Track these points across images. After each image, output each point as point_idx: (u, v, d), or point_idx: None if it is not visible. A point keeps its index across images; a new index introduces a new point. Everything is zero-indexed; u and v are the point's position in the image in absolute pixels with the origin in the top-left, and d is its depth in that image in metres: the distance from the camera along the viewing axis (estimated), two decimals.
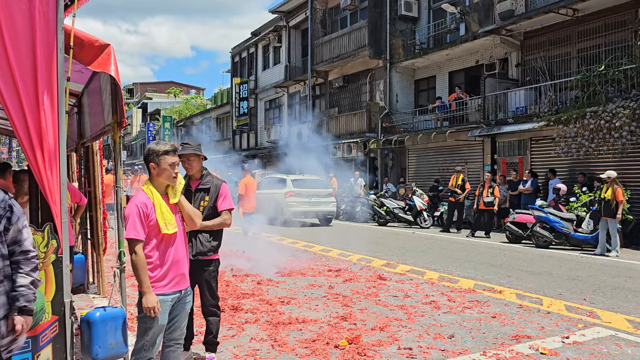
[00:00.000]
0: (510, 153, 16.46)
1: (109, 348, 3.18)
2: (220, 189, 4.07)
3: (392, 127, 20.71)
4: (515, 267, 8.93)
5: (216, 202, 4.03)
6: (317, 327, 5.25)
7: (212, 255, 4.09)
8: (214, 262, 4.14)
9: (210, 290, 4.14)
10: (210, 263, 4.10)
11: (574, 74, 14.62)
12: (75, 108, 5.84)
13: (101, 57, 3.27)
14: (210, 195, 4.04)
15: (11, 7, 2.62)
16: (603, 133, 12.51)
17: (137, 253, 3.01)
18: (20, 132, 2.69)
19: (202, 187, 4.06)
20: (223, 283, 7.32)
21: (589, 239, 10.92)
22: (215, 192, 4.05)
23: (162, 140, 3.36)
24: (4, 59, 2.61)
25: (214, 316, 4.21)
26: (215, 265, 4.17)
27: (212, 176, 4.16)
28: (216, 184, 4.09)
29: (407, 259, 9.73)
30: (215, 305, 4.20)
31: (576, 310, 6.06)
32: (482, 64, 17.80)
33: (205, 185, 4.07)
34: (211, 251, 4.06)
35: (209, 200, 4.02)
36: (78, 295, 6.16)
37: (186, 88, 65.12)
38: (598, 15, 14.28)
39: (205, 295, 4.13)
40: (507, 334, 5.08)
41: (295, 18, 27.66)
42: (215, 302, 4.20)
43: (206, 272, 4.07)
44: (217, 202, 4.03)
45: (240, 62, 35.01)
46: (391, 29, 20.91)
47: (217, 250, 4.14)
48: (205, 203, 4.00)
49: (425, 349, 4.62)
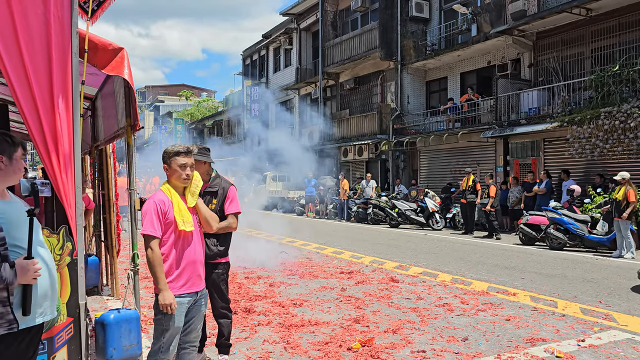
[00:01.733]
0: (523, 154, 16.33)
1: (123, 350, 3.21)
2: (227, 192, 4.06)
3: (403, 128, 20.65)
4: (529, 269, 8.84)
5: (223, 205, 4.02)
6: (330, 330, 5.23)
7: (219, 259, 4.08)
8: (223, 266, 4.13)
9: (220, 293, 4.13)
10: (219, 266, 4.09)
11: (587, 74, 14.47)
12: (89, 111, 5.90)
13: (115, 61, 3.30)
14: (217, 198, 4.02)
15: (27, 12, 2.65)
16: (618, 134, 12.37)
17: (153, 249, 3.01)
18: (36, 135, 2.71)
19: (209, 190, 4.05)
20: (235, 285, 7.34)
21: (604, 240, 10.79)
22: (222, 195, 4.03)
23: (177, 143, 3.38)
24: (19, 63, 2.63)
25: (225, 318, 4.21)
26: (224, 268, 4.15)
27: (221, 179, 4.15)
28: (224, 187, 4.07)
29: (419, 261, 9.68)
30: (225, 307, 4.19)
31: (592, 313, 5.98)
32: (494, 65, 17.69)
33: (213, 188, 4.06)
34: (218, 255, 4.05)
35: (216, 203, 4.01)
36: (92, 297, 6.20)
37: (197, 90, 65.47)
38: (612, 14, 14.13)
39: (215, 298, 4.12)
40: (521, 337, 5.03)
41: (306, 20, 27.72)
42: (225, 305, 4.19)
43: (214, 275, 4.05)
44: (224, 205, 4.02)
45: (251, 64, 35.16)
46: (402, 31, 20.86)
47: (225, 254, 4.13)
48: (213, 206, 3.99)
49: (438, 352, 4.58)
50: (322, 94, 25.83)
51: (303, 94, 28.76)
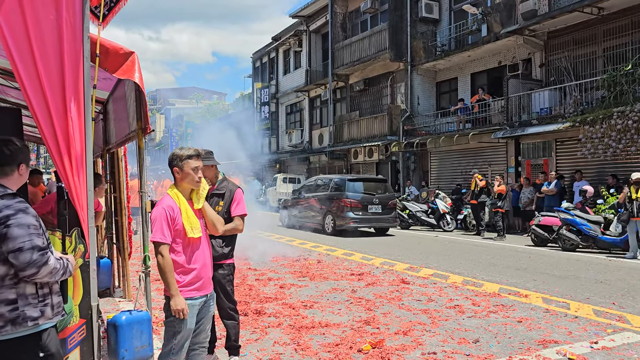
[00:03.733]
0: (534, 155, 16.22)
1: (135, 351, 3.23)
2: (234, 194, 4.06)
3: (413, 129, 20.59)
4: (541, 271, 8.78)
5: (230, 207, 4.03)
6: (341, 331, 5.23)
7: (225, 260, 4.10)
8: (228, 267, 4.14)
9: (226, 294, 4.15)
10: (224, 267, 4.11)
11: (599, 73, 14.34)
12: (101, 115, 5.95)
13: (126, 65, 3.32)
14: (224, 200, 4.04)
15: (39, 17, 2.69)
16: (631, 133, 12.24)
17: (163, 256, 3.03)
18: (49, 139, 2.74)
19: (216, 193, 4.07)
20: (246, 287, 7.36)
21: (617, 242, 10.67)
22: (229, 197, 4.04)
23: (186, 146, 3.39)
24: (32, 68, 2.67)
25: (232, 320, 4.22)
26: (230, 269, 4.16)
27: (228, 182, 4.16)
28: (231, 189, 4.07)
29: (430, 263, 9.64)
30: (232, 309, 4.20)
31: (605, 314, 5.92)
32: (504, 65, 17.59)
33: (220, 190, 4.08)
34: (223, 257, 4.07)
35: (223, 206, 4.03)
36: (104, 299, 6.25)
37: (208, 93, 65.81)
38: (624, 13, 13.99)
39: (222, 299, 4.14)
40: (533, 338, 4.99)
41: (316, 22, 27.75)
42: (232, 306, 4.20)
43: (220, 276, 4.06)
44: (230, 207, 4.03)
45: (261, 67, 35.27)
46: (412, 32, 20.80)
47: (230, 256, 4.15)
48: (220, 208, 4.01)
49: (449, 354, 4.56)
50: (332, 95, 25.84)
51: (313, 96, 28.79)
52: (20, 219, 2.28)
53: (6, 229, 2.24)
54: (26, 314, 2.30)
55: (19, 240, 2.24)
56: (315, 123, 28.93)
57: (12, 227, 2.25)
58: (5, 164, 2.40)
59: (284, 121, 32.14)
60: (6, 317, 2.26)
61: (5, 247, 2.24)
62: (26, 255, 2.24)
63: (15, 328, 2.27)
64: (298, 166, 29.72)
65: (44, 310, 2.37)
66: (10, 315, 2.26)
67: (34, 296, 2.34)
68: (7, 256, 2.25)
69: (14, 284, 2.29)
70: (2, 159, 2.39)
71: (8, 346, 2.26)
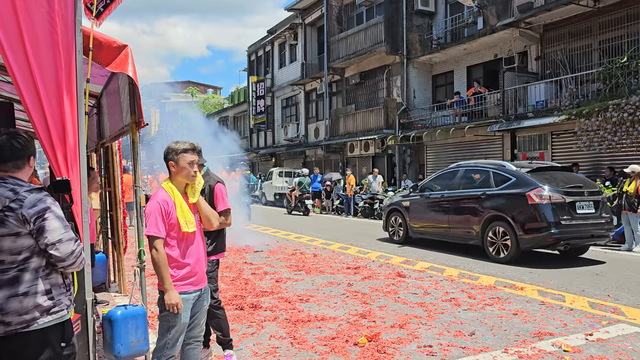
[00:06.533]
0: (530, 148, 16.24)
1: (131, 346, 3.22)
2: (214, 189, 4.01)
3: (409, 123, 20.58)
4: (536, 264, 8.80)
5: (212, 202, 3.95)
6: (337, 325, 5.24)
7: (209, 257, 4.07)
8: (211, 263, 4.09)
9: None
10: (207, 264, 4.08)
11: (595, 66, 14.35)
12: (95, 109, 5.91)
13: (119, 58, 3.30)
14: (205, 195, 3.97)
15: (31, 10, 2.65)
16: (626, 126, 12.26)
17: (157, 250, 3.02)
18: (41, 133, 2.72)
19: None
20: (242, 281, 7.36)
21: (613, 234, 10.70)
22: (209, 192, 3.99)
23: (181, 140, 3.37)
24: (24, 62, 2.64)
25: (215, 318, 4.19)
26: (212, 266, 4.13)
27: (209, 176, 4.10)
28: (210, 185, 4.02)
29: (426, 256, 9.66)
30: (214, 306, 4.16)
31: (600, 306, 5.95)
32: (500, 58, 17.57)
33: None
34: (208, 253, 4.04)
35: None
36: (100, 294, 6.24)
37: (203, 87, 65.52)
38: (620, 5, 13.98)
39: None
40: (529, 331, 5.01)
41: (311, 15, 27.64)
42: (215, 304, 4.17)
43: None
44: (214, 203, 3.95)
45: (256, 60, 35.14)
46: (408, 24, 20.75)
47: (215, 252, 4.14)
48: None
49: (445, 347, 4.58)
50: (328, 89, 25.77)
51: (308, 89, 28.72)
52: (56, 212, 2.32)
53: (44, 222, 2.27)
54: (62, 302, 2.37)
55: (58, 232, 2.29)
56: (311, 117, 28.87)
57: (49, 219, 2.28)
58: (19, 157, 2.39)
59: (279, 115, 32.05)
60: (43, 307, 2.29)
61: (44, 240, 2.27)
62: (67, 246, 2.31)
63: (49, 317, 2.31)
64: (294, 160, 29.69)
65: (71, 300, 2.46)
66: (46, 305, 2.30)
67: (63, 285, 2.41)
68: (47, 248, 2.28)
69: (47, 275, 2.33)
70: (16, 153, 2.38)
71: (34, 337, 2.28)
